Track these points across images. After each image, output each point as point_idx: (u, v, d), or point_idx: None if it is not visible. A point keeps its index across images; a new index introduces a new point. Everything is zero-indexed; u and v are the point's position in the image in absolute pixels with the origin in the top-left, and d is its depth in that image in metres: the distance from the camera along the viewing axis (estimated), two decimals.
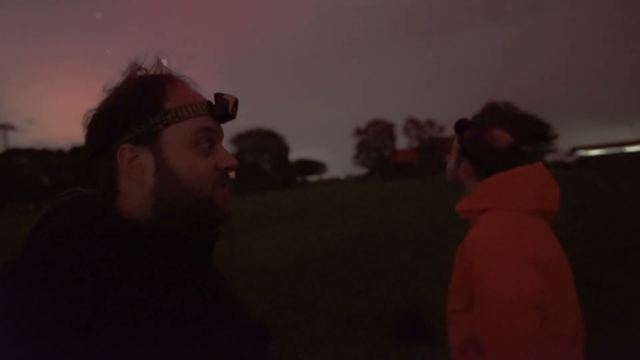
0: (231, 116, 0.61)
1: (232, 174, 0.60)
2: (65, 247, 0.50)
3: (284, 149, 69.63)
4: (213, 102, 0.61)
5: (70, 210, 0.55)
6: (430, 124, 65.54)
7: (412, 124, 66.06)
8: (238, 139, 65.63)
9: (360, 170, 74.19)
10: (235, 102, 0.61)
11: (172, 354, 0.48)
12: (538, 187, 1.08)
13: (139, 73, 0.59)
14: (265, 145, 67.13)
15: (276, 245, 7.94)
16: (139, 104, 0.56)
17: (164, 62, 0.60)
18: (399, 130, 70.86)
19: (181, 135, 0.56)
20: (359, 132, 69.73)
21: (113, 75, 0.59)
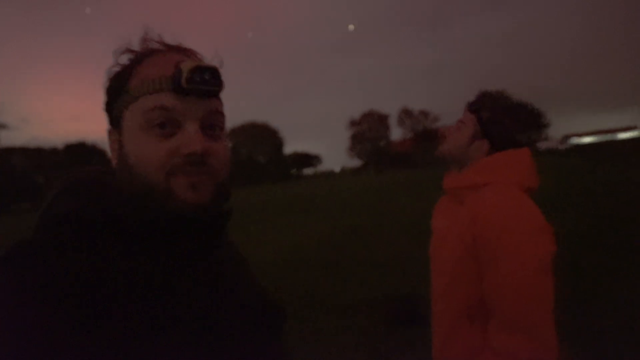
0: (187, 89, 0.49)
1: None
2: (64, 230, 0.49)
3: (278, 143, 69.44)
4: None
5: (74, 191, 0.54)
6: (424, 114, 65.69)
7: (406, 115, 66.18)
8: (232, 134, 65.44)
9: (356, 162, 74.32)
10: (194, 69, 0.49)
11: (172, 339, 0.47)
12: (529, 167, 1.19)
13: (126, 53, 0.56)
14: (259, 139, 66.90)
15: (271, 238, 8.02)
16: (111, 87, 0.55)
17: (154, 37, 0.56)
18: (393, 122, 70.97)
19: (134, 116, 0.52)
20: (353, 123, 69.67)
21: (104, 69, 0.55)
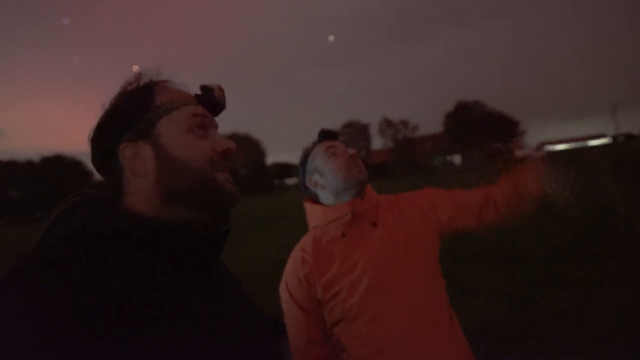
0: (219, 103, 0.65)
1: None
2: (74, 246, 0.52)
3: (260, 154, 69.23)
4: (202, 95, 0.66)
5: (79, 210, 0.57)
6: (404, 123, 66.70)
7: (387, 125, 67.03)
8: None
9: None
10: (220, 89, 0.66)
11: (177, 348, 0.48)
12: None
13: (129, 87, 0.65)
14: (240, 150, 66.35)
15: (253, 252, 7.91)
16: (133, 105, 0.61)
17: (150, 74, 0.66)
18: (374, 132, 71.75)
19: (174, 123, 0.61)
20: None
21: (83, 85, 0.59)
